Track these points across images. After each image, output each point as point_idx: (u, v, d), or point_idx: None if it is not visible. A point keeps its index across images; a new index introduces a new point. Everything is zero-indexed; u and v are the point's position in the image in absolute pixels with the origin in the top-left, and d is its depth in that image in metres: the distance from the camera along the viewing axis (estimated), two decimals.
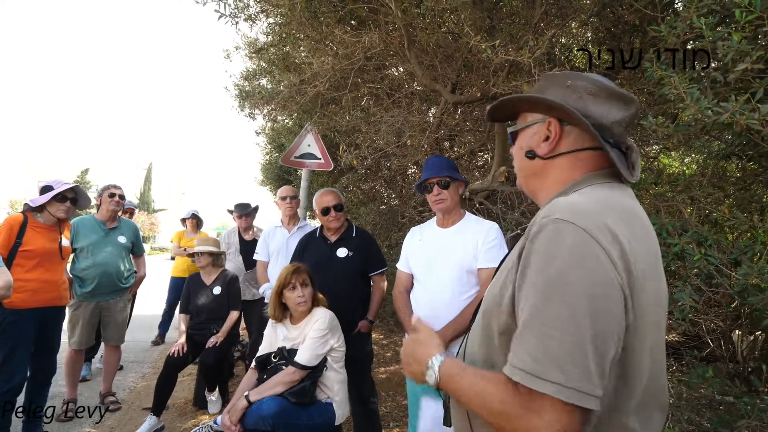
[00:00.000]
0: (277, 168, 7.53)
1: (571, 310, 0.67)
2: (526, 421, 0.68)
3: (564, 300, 0.68)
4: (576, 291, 0.68)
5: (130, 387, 4.11)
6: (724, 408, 2.39)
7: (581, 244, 0.71)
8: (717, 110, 1.48)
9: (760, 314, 1.76)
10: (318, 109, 4.08)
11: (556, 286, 0.70)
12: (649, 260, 0.78)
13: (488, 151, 4.59)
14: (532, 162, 0.94)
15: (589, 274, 0.69)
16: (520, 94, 0.97)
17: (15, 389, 2.62)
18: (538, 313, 0.70)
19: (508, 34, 2.77)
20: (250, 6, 3.45)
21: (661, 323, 0.81)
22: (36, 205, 2.80)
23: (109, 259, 3.41)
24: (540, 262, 0.73)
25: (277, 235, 3.48)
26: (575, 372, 0.66)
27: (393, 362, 4.89)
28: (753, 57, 1.46)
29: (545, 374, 0.67)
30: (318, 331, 2.35)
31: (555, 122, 0.90)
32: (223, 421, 2.22)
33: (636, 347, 0.74)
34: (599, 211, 0.75)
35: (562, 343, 0.67)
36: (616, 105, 0.89)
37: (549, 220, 0.75)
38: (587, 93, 0.89)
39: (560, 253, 0.71)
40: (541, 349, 0.68)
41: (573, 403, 0.65)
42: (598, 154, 0.89)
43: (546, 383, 0.66)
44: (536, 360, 0.68)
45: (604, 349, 0.68)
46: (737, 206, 2.61)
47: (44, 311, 2.76)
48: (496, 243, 2.06)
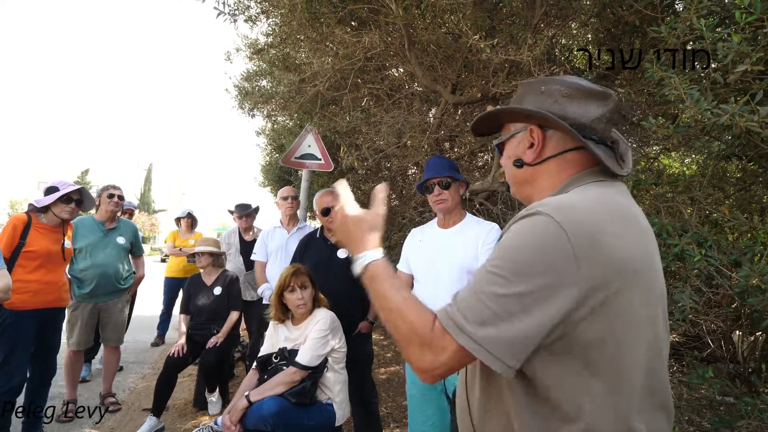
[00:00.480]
0: (277, 169, 7.52)
1: (511, 289, 0.72)
2: (429, 352, 0.76)
3: (512, 278, 0.73)
4: (526, 272, 0.72)
5: (130, 388, 4.10)
6: (725, 408, 2.39)
7: (548, 232, 0.73)
8: (717, 112, 1.49)
9: (760, 315, 1.76)
10: (318, 110, 4.08)
11: (508, 263, 0.75)
12: (643, 258, 0.79)
13: (488, 152, 4.58)
14: (521, 170, 0.96)
15: (543, 261, 0.72)
16: (498, 107, 1.00)
17: (15, 390, 2.62)
18: (483, 280, 0.76)
19: (508, 35, 2.77)
20: (250, 7, 3.45)
21: (657, 319, 0.81)
22: (41, 206, 2.80)
23: (107, 260, 3.41)
24: (504, 239, 0.79)
25: (276, 235, 3.48)
26: (492, 340, 0.72)
27: (393, 363, 4.89)
28: (753, 59, 1.46)
29: (467, 329, 0.73)
30: (319, 332, 2.35)
31: (536, 129, 0.92)
32: (224, 421, 2.22)
33: (626, 343, 0.74)
34: (588, 209, 0.77)
35: (495, 315, 0.73)
36: (594, 102, 0.90)
37: (530, 212, 0.78)
38: (561, 96, 0.91)
39: (525, 235, 0.76)
40: (470, 306, 0.75)
41: (478, 357, 0.72)
42: (583, 154, 0.90)
43: (463, 335, 0.73)
44: (462, 313, 0.75)
45: (529, 332, 0.71)
46: (737, 207, 2.61)
47: (44, 312, 2.76)
48: (497, 243, 2.06)
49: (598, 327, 0.73)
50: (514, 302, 0.72)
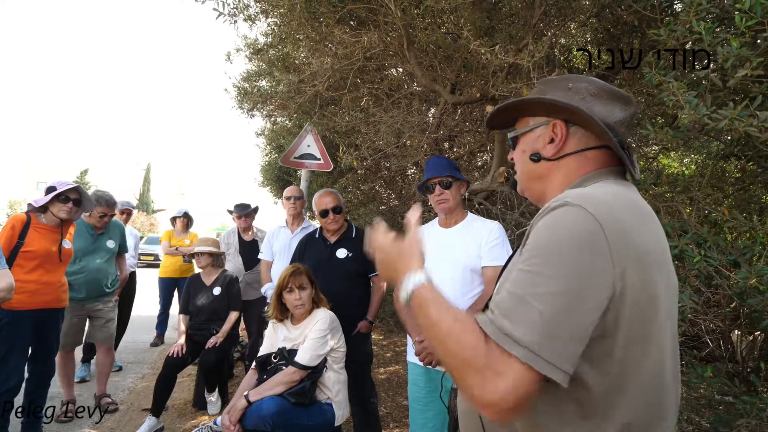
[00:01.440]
0: (276, 169, 7.52)
1: (556, 288, 0.68)
2: (490, 378, 0.67)
3: (552, 276, 0.69)
4: (568, 269, 0.69)
5: (129, 388, 4.10)
6: (724, 408, 2.40)
7: (585, 226, 0.71)
8: (715, 117, 1.48)
9: (759, 315, 1.76)
10: (317, 110, 4.08)
11: (548, 261, 0.70)
12: (662, 252, 0.79)
13: (487, 152, 4.59)
14: (537, 165, 0.95)
15: (585, 257, 0.69)
16: (525, 97, 0.97)
17: (12, 390, 2.61)
18: (525, 282, 0.71)
19: (507, 35, 2.77)
20: (250, 6, 3.45)
21: (673, 311, 0.82)
22: (39, 206, 2.79)
23: (98, 266, 3.40)
24: (539, 237, 0.74)
25: (281, 235, 3.49)
26: (550, 344, 0.66)
27: (393, 363, 4.89)
28: (753, 63, 1.46)
29: (518, 337, 0.67)
30: (318, 332, 2.35)
31: (561, 123, 0.91)
32: (223, 421, 2.22)
33: (655, 339, 0.75)
34: (611, 203, 0.76)
35: (540, 314, 0.67)
36: (618, 105, 0.90)
37: (558, 204, 0.76)
38: (589, 94, 0.90)
39: (562, 230, 0.72)
40: (519, 314, 0.68)
41: (539, 371, 0.65)
42: (603, 153, 0.90)
43: (517, 346, 0.66)
44: (512, 323, 0.68)
45: (579, 331, 0.68)
46: (736, 207, 2.61)
47: (42, 313, 2.75)
48: (500, 241, 2.06)
49: (632, 323, 0.72)
50: (561, 301, 0.68)
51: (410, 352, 2.17)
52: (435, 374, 2.03)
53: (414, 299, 0.82)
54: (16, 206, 31.05)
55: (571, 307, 0.68)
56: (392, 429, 3.27)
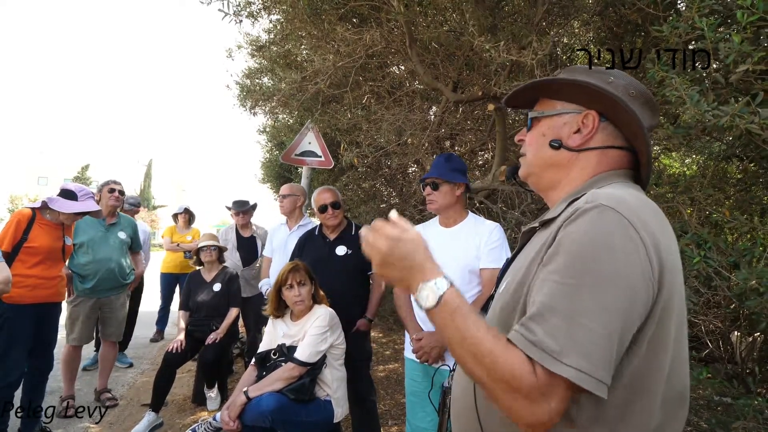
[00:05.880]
0: (277, 166, 7.52)
1: (603, 301, 0.65)
2: (538, 399, 0.64)
3: (598, 288, 0.66)
4: (611, 281, 0.66)
5: (129, 383, 4.11)
6: (722, 409, 2.39)
7: (622, 233, 0.68)
8: (717, 113, 1.48)
9: (758, 317, 1.76)
10: (319, 107, 4.08)
11: (592, 271, 0.67)
12: (675, 254, 0.78)
13: (489, 151, 4.58)
14: (555, 152, 0.90)
15: (626, 266, 0.67)
16: (569, 78, 0.89)
17: (12, 385, 2.62)
18: (568, 296, 0.66)
19: (510, 33, 2.76)
20: (252, 3, 3.44)
21: (684, 312, 0.82)
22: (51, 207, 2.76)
23: (110, 255, 3.41)
24: (576, 244, 0.70)
25: (279, 232, 3.51)
26: (600, 362, 0.63)
27: (392, 360, 4.89)
28: (755, 58, 1.46)
29: (567, 359, 0.63)
30: (318, 328, 2.35)
31: (595, 115, 0.87)
32: (222, 417, 2.23)
33: (678, 345, 0.75)
34: (639, 206, 0.75)
35: (590, 331, 0.64)
36: (648, 111, 0.89)
37: (592, 206, 0.72)
38: (629, 94, 0.87)
39: (600, 239, 0.69)
40: (565, 333, 0.64)
41: (591, 390, 0.63)
42: (623, 154, 0.88)
43: (568, 368, 0.62)
44: (559, 343, 0.64)
45: (622, 342, 0.66)
46: (737, 208, 2.61)
47: (41, 307, 2.76)
48: (499, 244, 2.06)
49: (661, 330, 0.71)
50: (610, 316, 0.64)
51: (408, 348, 2.19)
52: (431, 370, 2.04)
53: (444, 307, 0.74)
54: (17, 201, 31.08)
55: (620, 321, 0.65)
56: (391, 426, 3.28)
